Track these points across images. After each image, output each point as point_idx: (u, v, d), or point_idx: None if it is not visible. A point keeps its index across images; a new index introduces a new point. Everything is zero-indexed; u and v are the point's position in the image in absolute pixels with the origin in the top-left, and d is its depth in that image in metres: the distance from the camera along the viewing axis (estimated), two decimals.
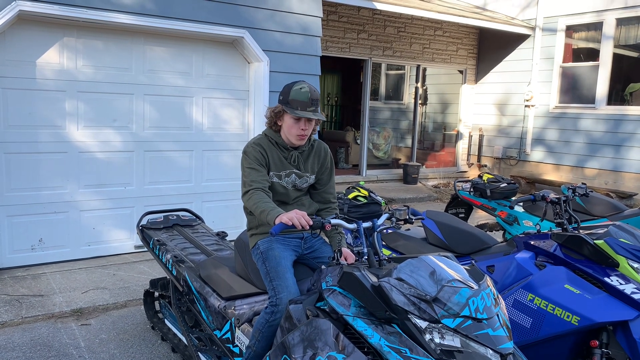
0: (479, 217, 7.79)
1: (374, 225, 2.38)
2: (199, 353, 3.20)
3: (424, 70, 11.24)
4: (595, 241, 3.07)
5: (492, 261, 3.51)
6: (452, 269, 2.09)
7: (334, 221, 2.39)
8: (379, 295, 1.99)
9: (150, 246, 3.80)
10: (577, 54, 10.04)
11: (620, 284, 2.91)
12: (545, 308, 3.00)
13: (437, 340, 1.91)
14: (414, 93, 11.24)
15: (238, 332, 2.77)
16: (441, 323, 1.93)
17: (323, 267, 2.40)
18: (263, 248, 2.82)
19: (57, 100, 5.25)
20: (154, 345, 3.90)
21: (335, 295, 2.15)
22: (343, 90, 14.20)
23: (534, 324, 3.04)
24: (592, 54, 9.71)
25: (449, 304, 1.95)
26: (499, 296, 2.13)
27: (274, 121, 2.88)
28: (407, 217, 2.49)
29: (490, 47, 11.26)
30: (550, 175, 10.27)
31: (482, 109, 11.55)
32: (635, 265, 2.97)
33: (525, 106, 10.58)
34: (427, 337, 1.92)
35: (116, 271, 5.28)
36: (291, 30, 6.32)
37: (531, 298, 3.07)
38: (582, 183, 3.74)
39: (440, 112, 12.03)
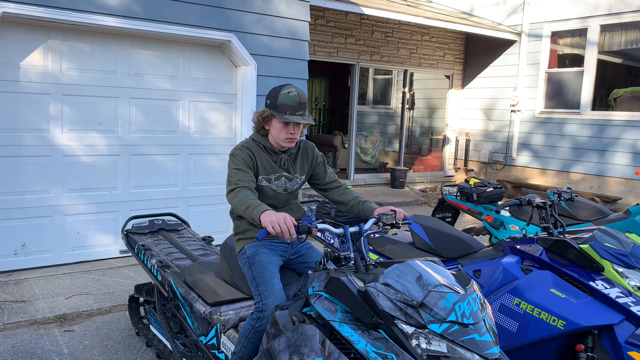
0: (466, 221, 7.82)
1: (361, 230, 2.37)
2: (184, 359, 3.16)
3: (412, 75, 11.28)
4: (580, 245, 3.09)
5: (479, 265, 3.51)
6: (438, 274, 2.08)
7: (320, 225, 2.36)
8: (365, 301, 1.98)
9: (135, 251, 3.76)
10: (563, 60, 10.14)
11: (605, 288, 2.93)
12: (531, 312, 3.01)
13: (423, 345, 1.90)
14: (401, 98, 11.27)
15: (224, 338, 2.74)
16: (428, 328, 1.92)
17: (310, 272, 2.38)
18: (249, 253, 2.79)
19: (42, 103, 5.19)
20: (139, 351, 3.85)
21: (321, 300, 2.13)
22: (331, 94, 14.22)
23: (520, 328, 3.04)
24: (577, 60, 9.81)
25: (435, 309, 1.94)
26: (486, 301, 2.13)
27: (261, 125, 2.86)
28: (394, 222, 2.49)
29: (477, 52, 11.34)
30: (536, 179, 10.34)
31: (468, 114, 11.62)
32: (620, 269, 2.99)
33: (512, 111, 10.66)
34: (414, 342, 1.91)
35: (101, 276, 5.22)
36: (279, 35, 6.31)
37: (517, 302, 3.08)
38: (568, 187, 3.77)
39: (427, 116, 12.08)
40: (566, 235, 3.34)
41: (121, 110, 5.63)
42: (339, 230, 2.36)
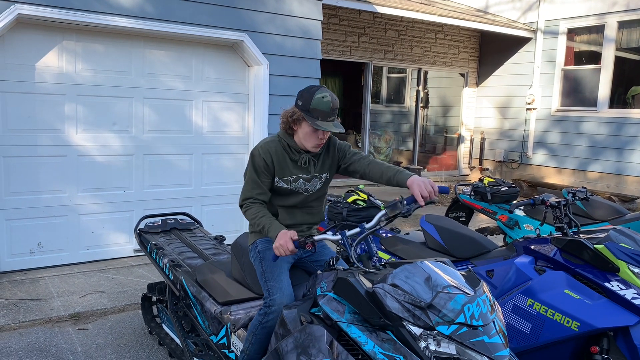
0: (480, 221, 7.75)
1: (362, 230, 2.34)
2: (194, 358, 3.17)
3: (426, 73, 11.22)
4: (595, 246, 3.04)
5: (492, 266, 3.48)
6: (448, 275, 2.06)
7: (316, 237, 2.37)
8: (373, 302, 1.97)
9: (148, 250, 3.78)
10: (579, 57, 10.01)
11: (621, 289, 2.88)
12: (545, 313, 2.97)
13: (432, 347, 1.88)
14: (415, 96, 11.21)
15: (234, 338, 2.75)
16: (436, 330, 1.90)
17: (319, 272, 2.37)
18: (261, 247, 2.80)
19: (57, 104, 5.24)
20: (151, 350, 3.87)
21: (329, 301, 2.12)
22: (344, 93, 14.19)
23: (534, 330, 3.00)
24: (594, 57, 9.68)
25: (443, 311, 1.92)
26: (496, 302, 2.10)
27: (289, 125, 2.77)
28: (402, 212, 2.41)
29: (492, 50, 11.23)
30: (552, 178, 10.22)
31: (483, 112, 11.52)
32: (636, 270, 2.93)
33: (527, 109, 10.54)
34: (422, 344, 1.89)
35: (115, 275, 5.26)
36: (291, 34, 6.31)
37: (531, 303, 3.04)
38: (583, 187, 3.71)
39: (441, 115, 12.00)
40: (581, 235, 3.29)
41: (135, 110, 5.67)
42: (337, 237, 2.33)
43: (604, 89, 9.42)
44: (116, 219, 5.70)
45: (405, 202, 2.38)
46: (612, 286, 2.90)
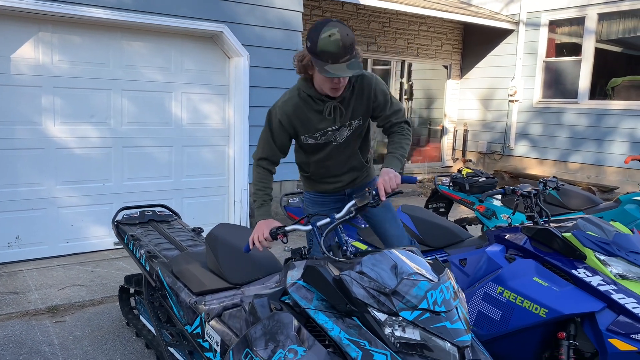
0: (462, 211, 7.81)
1: (332, 220, 2.37)
2: (169, 348, 3.19)
3: (410, 65, 11.24)
4: (563, 234, 3.09)
5: (465, 255, 3.52)
6: (414, 263, 2.09)
7: (288, 228, 2.41)
8: (340, 289, 2.00)
9: (125, 241, 3.78)
10: (560, 49, 10.09)
11: (587, 276, 2.93)
12: (514, 301, 3.02)
13: (397, 333, 1.91)
14: (399, 88, 11.24)
15: (208, 327, 2.76)
16: (399, 316, 1.93)
17: (290, 261, 2.39)
18: (305, 199, 3.19)
19: (33, 96, 5.20)
20: (129, 341, 3.88)
21: (298, 289, 2.15)
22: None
23: (504, 317, 3.05)
24: (575, 49, 9.75)
25: (407, 297, 1.95)
26: (460, 290, 2.14)
27: (304, 70, 2.54)
28: (369, 202, 2.45)
29: (475, 42, 11.28)
30: (534, 169, 10.32)
31: (466, 104, 11.58)
32: (602, 257, 2.99)
33: (509, 101, 10.61)
34: (387, 330, 1.92)
35: (94, 268, 5.25)
36: (271, 25, 6.30)
37: (500, 291, 3.08)
38: (553, 176, 3.76)
39: (425, 107, 12.04)
40: (551, 224, 3.34)
41: (113, 102, 5.64)
42: (307, 228, 2.36)
43: (585, 81, 9.51)
44: (95, 212, 5.68)
45: (373, 192, 2.42)
46: (579, 273, 2.95)
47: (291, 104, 2.66)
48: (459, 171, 5.79)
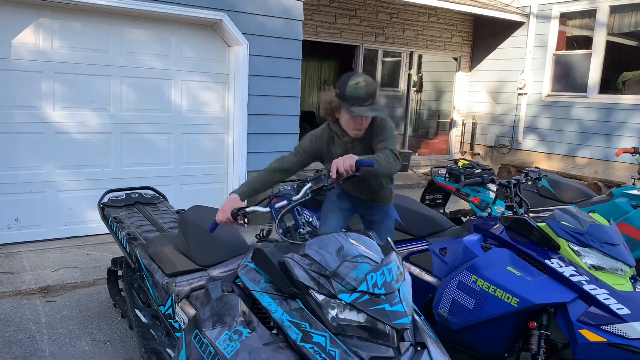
0: (462, 203, 7.76)
1: (289, 202, 2.40)
2: (151, 330, 3.25)
3: (420, 57, 11.17)
4: (538, 224, 3.08)
5: (445, 244, 3.52)
6: (363, 245, 2.10)
7: (248, 209, 2.50)
8: (283, 271, 2.03)
9: (109, 223, 3.84)
10: (571, 42, 9.94)
11: (560, 266, 2.92)
12: (487, 289, 3.02)
13: (337, 315, 1.93)
14: (407, 80, 11.18)
15: (177, 308, 2.81)
16: (338, 298, 1.95)
17: (251, 243, 2.43)
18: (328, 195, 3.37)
19: (33, 81, 5.28)
20: (113, 322, 3.95)
21: (248, 271, 2.19)
22: (339, 76, 14.13)
23: (477, 305, 3.05)
24: (586, 42, 9.60)
25: (347, 279, 1.97)
26: (405, 272, 2.14)
27: (332, 113, 2.94)
28: (324, 185, 2.48)
29: (485, 34, 11.16)
30: (542, 163, 10.21)
31: (476, 97, 11.48)
32: (576, 248, 2.96)
33: (518, 94, 10.50)
34: (328, 312, 1.94)
35: (90, 251, 5.34)
36: (272, 14, 6.31)
37: (474, 279, 3.08)
38: (535, 167, 3.74)
39: (434, 99, 11.97)
40: (530, 214, 3.32)
41: (113, 88, 5.71)
42: (265, 210, 2.44)
43: (595, 75, 9.37)
44: (94, 196, 5.74)
45: (328, 176, 2.46)
46: (552, 263, 2.94)
47: (321, 134, 3.05)
48: (455, 162, 5.76)
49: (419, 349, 2.05)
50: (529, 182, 3.61)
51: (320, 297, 1.95)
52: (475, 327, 3.08)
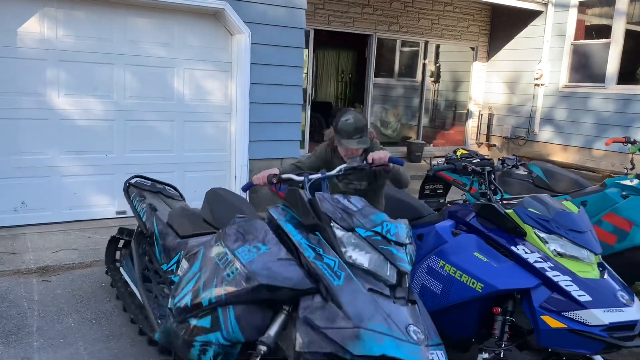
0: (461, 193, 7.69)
1: (322, 175, 2.87)
2: (146, 282, 3.45)
3: (437, 47, 11.07)
4: (506, 210, 3.06)
5: (421, 230, 3.53)
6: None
7: (284, 176, 2.92)
8: (311, 205, 2.41)
9: (131, 198, 3.96)
10: (589, 31, 9.71)
11: (526, 252, 2.90)
12: (453, 275, 3.02)
13: (349, 253, 2.29)
14: (422, 69, 11.09)
15: (183, 261, 2.98)
16: (355, 232, 2.31)
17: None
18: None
19: (38, 69, 5.45)
20: (102, 302, 4.09)
21: (276, 208, 2.60)
22: (357, 67, 14.10)
23: (444, 290, 3.06)
24: (604, 31, 9.36)
25: (365, 220, 2.37)
26: (413, 241, 2.50)
27: (331, 142, 3.44)
28: (357, 165, 2.98)
29: (503, 24, 10.98)
30: (558, 156, 10.02)
31: (493, 87, 11.32)
32: (542, 234, 2.94)
33: (535, 85, 10.31)
34: (343, 249, 2.29)
35: (93, 234, 5.51)
36: (274, 2, 6.34)
37: (442, 265, 3.09)
38: (513, 154, 3.70)
39: (451, 89, 11.84)
40: (504, 202, 3.30)
41: (116, 76, 5.84)
42: (300, 178, 2.83)
43: (613, 64, 9.14)
44: (98, 182, 5.92)
45: (364, 162, 3.01)
46: (518, 250, 2.92)
47: (325, 150, 3.54)
48: (454, 152, 5.72)
49: (409, 304, 2.33)
50: (505, 169, 3.58)
51: (339, 232, 2.31)
52: (443, 312, 3.09)
